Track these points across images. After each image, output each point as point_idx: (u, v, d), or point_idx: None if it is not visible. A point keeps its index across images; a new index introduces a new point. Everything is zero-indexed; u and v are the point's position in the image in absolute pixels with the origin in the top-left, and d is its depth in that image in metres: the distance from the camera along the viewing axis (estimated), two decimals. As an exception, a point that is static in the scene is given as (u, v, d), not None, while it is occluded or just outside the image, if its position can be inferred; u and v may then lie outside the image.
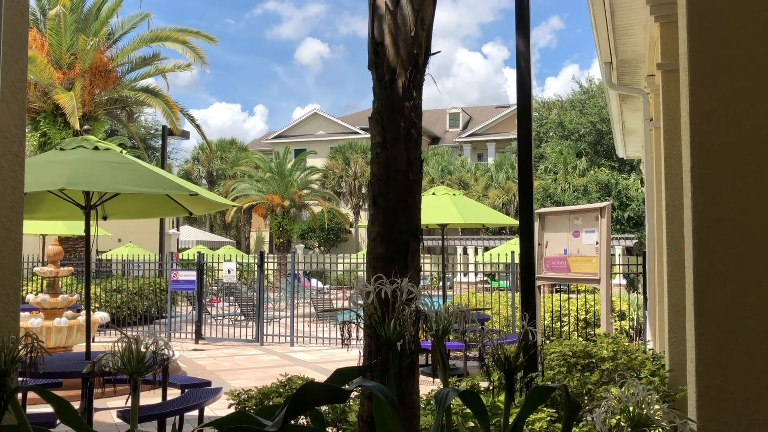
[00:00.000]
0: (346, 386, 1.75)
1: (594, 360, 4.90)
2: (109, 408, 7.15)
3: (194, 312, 14.53)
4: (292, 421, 1.75)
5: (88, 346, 5.51)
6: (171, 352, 2.11)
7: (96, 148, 5.33)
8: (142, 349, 2.00)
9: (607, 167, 36.98)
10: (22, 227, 2.48)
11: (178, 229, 30.87)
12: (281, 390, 4.25)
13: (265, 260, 14.20)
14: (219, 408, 6.70)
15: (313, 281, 22.79)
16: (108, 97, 17.80)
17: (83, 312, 9.54)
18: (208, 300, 17.31)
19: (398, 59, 2.89)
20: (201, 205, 6.27)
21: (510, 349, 1.91)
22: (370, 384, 1.62)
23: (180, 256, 24.00)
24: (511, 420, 1.88)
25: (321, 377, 7.33)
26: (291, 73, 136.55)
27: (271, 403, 4.03)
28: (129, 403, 2.00)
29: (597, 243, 8.53)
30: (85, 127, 7.16)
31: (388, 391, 1.63)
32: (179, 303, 17.85)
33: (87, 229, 5.31)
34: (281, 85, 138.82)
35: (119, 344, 1.99)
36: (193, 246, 31.47)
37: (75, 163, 5.03)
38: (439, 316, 1.93)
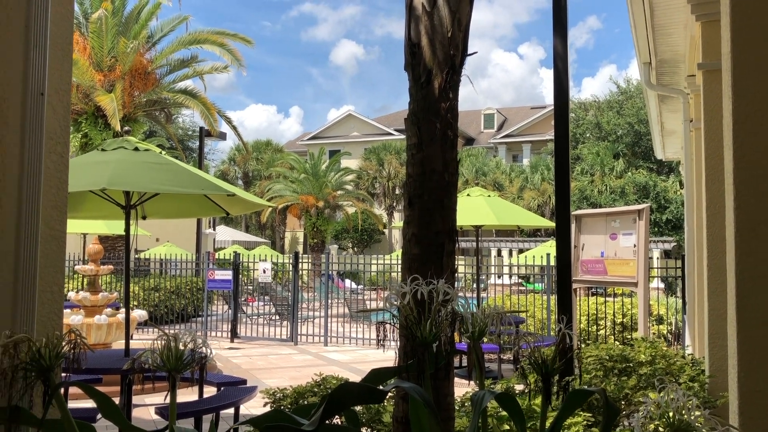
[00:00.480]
0: (382, 387, 1.76)
1: (631, 364, 4.82)
2: (146, 404, 7.27)
3: (230, 311, 14.71)
4: (327, 421, 1.76)
5: (127, 343, 5.61)
6: (209, 351, 2.14)
7: (136, 149, 5.43)
8: (181, 347, 2.03)
9: (645, 169, 36.40)
10: (65, 226, 2.53)
11: (214, 229, 31.29)
12: (316, 389, 4.28)
13: (300, 260, 14.29)
14: (254, 406, 6.76)
15: (347, 282, 22.89)
16: (147, 99, 18.12)
17: (122, 310, 9.73)
18: (243, 299, 17.51)
19: (435, 60, 2.89)
20: (238, 205, 6.34)
21: (546, 353, 1.89)
22: (407, 385, 1.63)
23: (216, 256, 24.30)
24: (547, 423, 1.86)
25: (355, 377, 7.35)
26: (326, 75, 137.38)
27: (306, 403, 4.06)
28: (167, 400, 2.03)
29: (635, 246, 8.40)
30: (126, 128, 7.31)
31: (425, 393, 1.63)
32: (215, 302, 18.07)
33: (127, 229, 5.41)
34: (316, 86, 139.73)
35: (158, 342, 2.02)
36: (229, 246, 31.83)
37: (116, 164, 5.14)
38: (475, 318, 1.92)
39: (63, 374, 2.43)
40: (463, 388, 4.12)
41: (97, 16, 16.54)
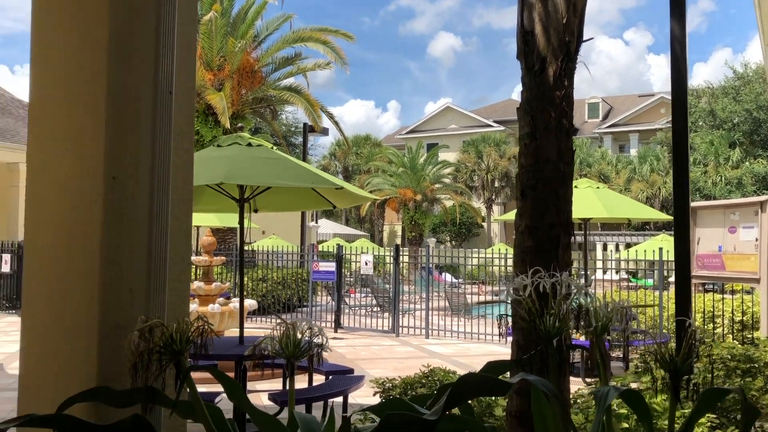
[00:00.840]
0: (505, 379, 1.74)
1: (756, 365, 4.56)
2: (257, 390, 7.53)
3: (333, 302, 15.00)
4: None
5: (241, 331, 5.84)
6: (324, 339, 2.19)
7: (249, 144, 5.63)
8: (298, 335, 2.09)
9: (764, 158, 34.15)
10: (191, 218, 2.65)
11: (317, 222, 32.05)
12: (424, 380, 4.31)
13: (401, 253, 14.38)
14: (360, 395, 6.87)
15: (446, 275, 22.83)
16: (254, 97, 18.73)
17: (233, 299, 10.13)
18: (344, 291, 17.84)
19: (549, 47, 2.83)
20: (344, 198, 6.45)
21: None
22: (533, 378, 1.60)
23: (319, 248, 24.87)
24: (676, 423, 1.78)
25: (459, 370, 7.31)
26: (423, 68, 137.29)
27: (415, 393, 4.09)
28: (278, 387, 2.10)
29: (756, 239, 7.91)
30: (239, 125, 7.60)
31: (553, 387, 1.60)
32: (318, 293, 18.49)
33: (241, 221, 5.62)
34: (413, 80, 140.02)
35: (276, 329, 2.09)
36: (331, 238, 32.50)
37: (231, 159, 5.35)
38: (598, 313, 1.86)
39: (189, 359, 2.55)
40: (573, 385, 4.02)
41: (208, 17, 17.24)
